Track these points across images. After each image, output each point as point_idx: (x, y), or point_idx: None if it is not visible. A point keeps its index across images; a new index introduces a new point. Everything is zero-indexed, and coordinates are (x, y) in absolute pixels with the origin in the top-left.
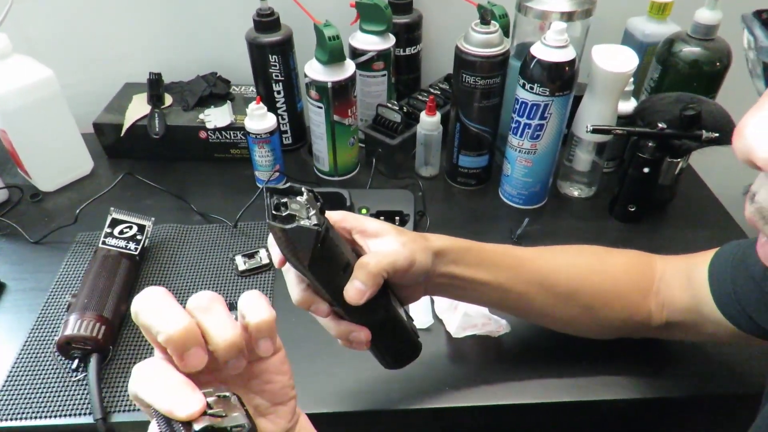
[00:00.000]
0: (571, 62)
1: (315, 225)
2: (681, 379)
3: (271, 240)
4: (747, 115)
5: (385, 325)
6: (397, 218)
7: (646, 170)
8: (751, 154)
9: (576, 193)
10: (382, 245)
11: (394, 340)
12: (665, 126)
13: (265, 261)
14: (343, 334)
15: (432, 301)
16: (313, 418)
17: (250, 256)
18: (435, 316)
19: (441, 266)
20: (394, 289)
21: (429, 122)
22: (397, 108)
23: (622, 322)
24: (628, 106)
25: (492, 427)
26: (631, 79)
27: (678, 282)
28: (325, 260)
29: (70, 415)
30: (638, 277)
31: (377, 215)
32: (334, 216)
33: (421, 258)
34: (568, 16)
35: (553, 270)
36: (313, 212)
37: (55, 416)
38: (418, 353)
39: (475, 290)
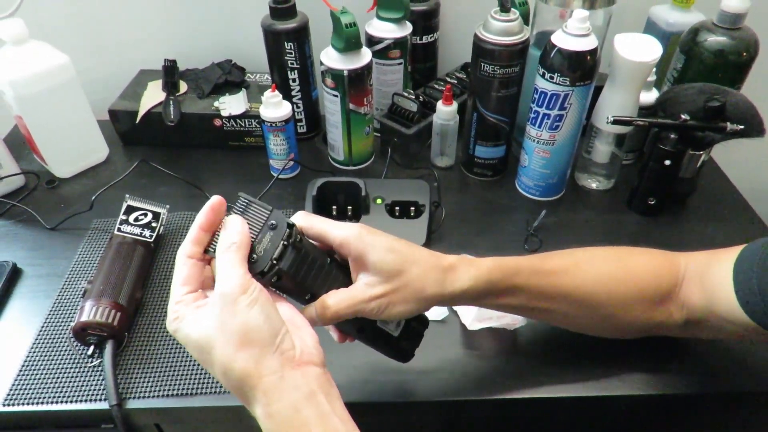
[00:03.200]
0: (593, 51)
1: (258, 273)
2: (700, 376)
3: None
4: None
5: (361, 334)
6: (412, 209)
7: (667, 163)
8: None
9: (594, 186)
10: (361, 287)
11: (372, 345)
12: (688, 117)
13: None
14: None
15: None
16: None
17: None
18: (450, 308)
19: (458, 302)
20: None
21: (445, 112)
22: (413, 97)
23: (643, 324)
24: (650, 96)
25: (506, 420)
26: (654, 69)
27: (695, 280)
28: (282, 288)
29: (85, 400)
30: (662, 281)
31: (392, 205)
32: (336, 239)
33: (404, 309)
34: (591, 4)
35: (579, 285)
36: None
37: (71, 402)
38: (405, 361)
39: (496, 307)
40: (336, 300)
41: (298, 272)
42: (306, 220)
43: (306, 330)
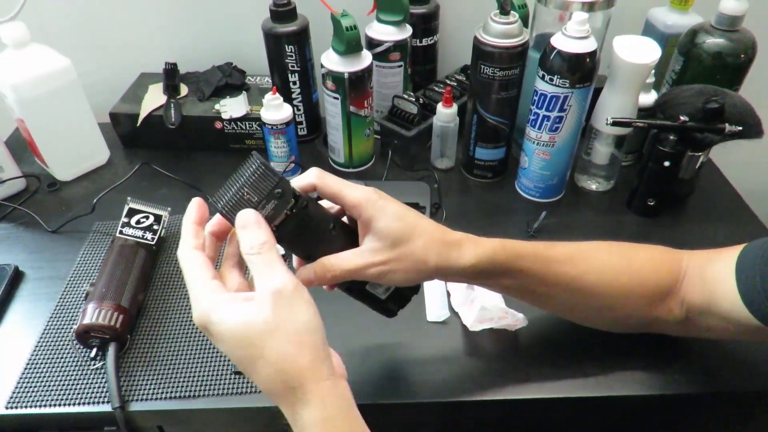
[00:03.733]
0: (593, 53)
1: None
2: (700, 376)
3: None
4: None
5: (349, 292)
6: None
7: (666, 164)
8: None
9: (594, 187)
10: (363, 251)
11: (359, 300)
12: (687, 119)
13: (281, 252)
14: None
15: (448, 294)
16: None
17: None
18: (451, 309)
19: (458, 279)
20: None
21: (445, 114)
22: (414, 99)
23: (641, 318)
24: (648, 98)
25: (508, 421)
26: (652, 71)
27: (696, 278)
28: (287, 241)
29: (88, 403)
30: (664, 276)
31: None
32: (350, 200)
33: (403, 277)
34: (590, 6)
35: (581, 274)
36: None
37: (74, 404)
38: (389, 317)
39: (494, 288)
40: (336, 263)
41: (298, 240)
42: (321, 178)
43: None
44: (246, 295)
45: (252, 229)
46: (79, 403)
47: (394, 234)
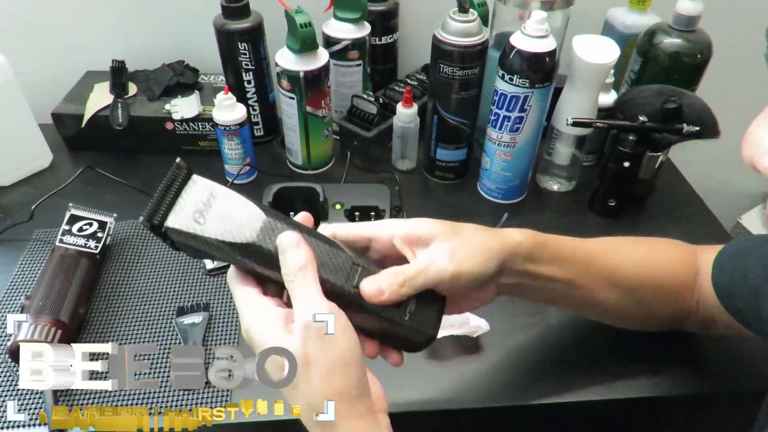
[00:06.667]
0: (552, 53)
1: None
2: (673, 377)
3: None
4: (755, 122)
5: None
6: (372, 214)
7: (626, 164)
8: (756, 162)
9: (555, 188)
10: (427, 255)
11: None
12: (646, 119)
13: None
14: None
15: None
16: (284, 424)
17: None
18: None
19: (515, 265)
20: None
21: (406, 114)
22: (373, 99)
23: (671, 315)
24: (608, 98)
25: (469, 430)
26: (612, 71)
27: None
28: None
29: (23, 425)
30: (688, 270)
31: (352, 210)
32: (364, 236)
33: (473, 270)
34: (549, 6)
35: (619, 265)
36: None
37: (7, 428)
38: (419, 348)
39: (544, 287)
40: (410, 267)
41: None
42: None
43: (369, 373)
44: (287, 317)
45: (289, 253)
46: (13, 426)
47: (443, 227)
